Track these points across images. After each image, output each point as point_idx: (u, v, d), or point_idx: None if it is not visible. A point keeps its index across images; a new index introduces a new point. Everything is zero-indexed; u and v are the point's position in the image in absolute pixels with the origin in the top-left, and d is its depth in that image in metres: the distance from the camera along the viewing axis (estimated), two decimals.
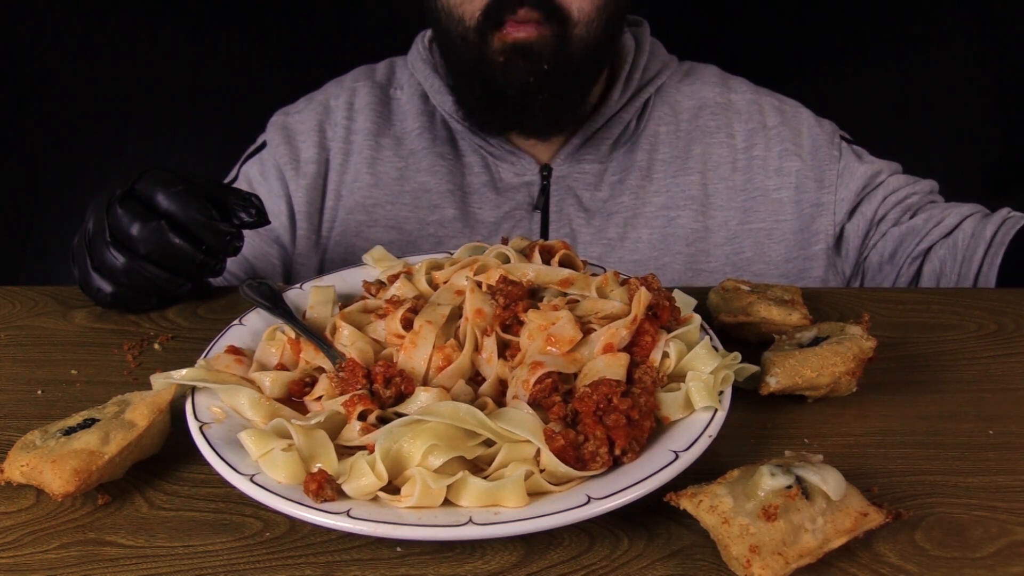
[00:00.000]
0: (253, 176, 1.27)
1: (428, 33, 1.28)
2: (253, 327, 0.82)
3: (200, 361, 0.75)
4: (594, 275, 0.80)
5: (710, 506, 0.58)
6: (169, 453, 0.70)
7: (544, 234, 1.22)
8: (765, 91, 1.30)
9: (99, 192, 0.92)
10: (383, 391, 0.69)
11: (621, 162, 1.23)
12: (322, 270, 1.25)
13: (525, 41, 1.08)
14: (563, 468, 0.61)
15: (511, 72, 1.09)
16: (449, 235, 1.22)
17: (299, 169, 1.25)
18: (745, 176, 1.23)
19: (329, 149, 1.26)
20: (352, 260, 1.20)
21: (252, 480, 0.61)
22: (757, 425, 0.73)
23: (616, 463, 0.63)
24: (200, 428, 0.66)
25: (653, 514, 0.62)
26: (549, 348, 0.70)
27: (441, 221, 1.22)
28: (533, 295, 0.78)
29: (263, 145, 1.29)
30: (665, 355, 0.71)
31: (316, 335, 0.78)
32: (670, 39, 1.32)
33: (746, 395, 0.75)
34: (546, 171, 1.22)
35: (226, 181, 1.31)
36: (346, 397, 0.68)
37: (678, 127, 1.25)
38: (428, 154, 1.24)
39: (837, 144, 1.25)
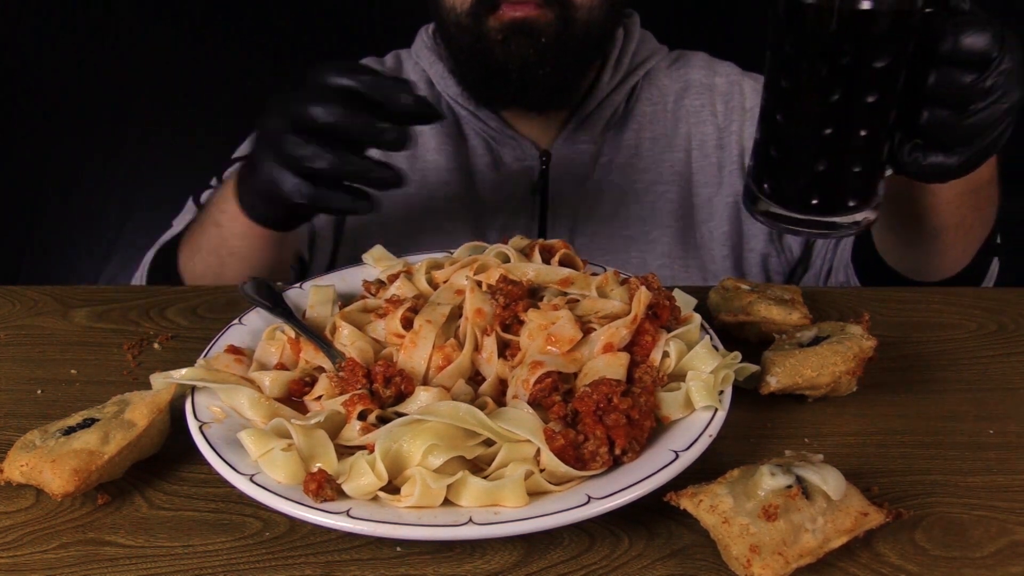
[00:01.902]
0: None
1: (431, 26, 1.32)
2: (253, 327, 0.81)
3: (200, 361, 0.75)
4: (594, 274, 0.80)
5: (710, 506, 0.58)
6: (169, 453, 0.70)
7: (543, 215, 1.25)
8: (752, 74, 1.33)
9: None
10: (383, 391, 0.69)
11: (612, 143, 1.27)
12: (338, 244, 1.28)
13: (524, 19, 1.09)
14: (563, 468, 0.61)
15: (511, 48, 1.11)
16: (456, 210, 1.25)
17: None
18: (725, 153, 1.27)
19: None
20: (362, 236, 1.24)
21: (252, 480, 0.61)
22: (757, 425, 0.73)
23: (616, 463, 0.63)
24: (200, 428, 0.66)
25: (653, 514, 0.62)
26: (549, 348, 0.70)
27: (447, 197, 1.25)
28: (533, 294, 0.78)
29: None
30: (665, 354, 0.71)
31: (316, 335, 0.78)
32: (660, 32, 1.34)
33: (746, 395, 0.75)
34: (545, 156, 1.25)
35: (240, 154, 1.30)
36: (346, 397, 0.68)
37: (665, 108, 1.29)
38: (436, 133, 1.27)
39: None
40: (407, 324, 0.75)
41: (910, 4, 0.68)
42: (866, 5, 0.68)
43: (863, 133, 0.73)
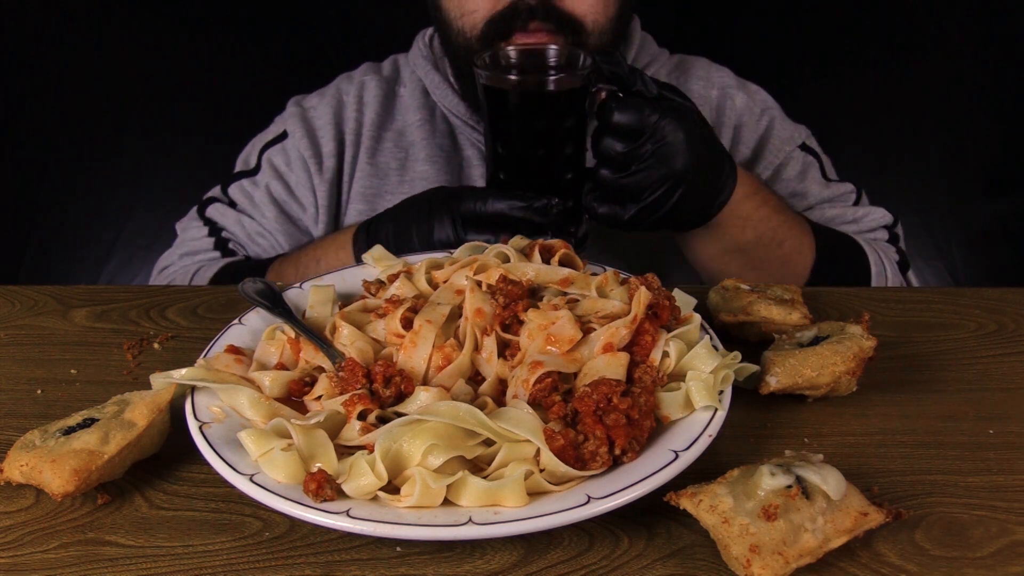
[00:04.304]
0: (278, 165, 1.29)
1: (429, 31, 1.31)
2: (253, 327, 0.81)
3: (200, 361, 0.75)
4: (594, 274, 0.80)
5: (710, 506, 0.58)
6: (169, 453, 0.70)
7: None
8: (747, 83, 1.33)
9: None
10: (383, 391, 0.69)
11: None
12: None
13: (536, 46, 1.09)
14: (563, 468, 0.61)
15: None
16: None
17: (321, 164, 1.28)
18: None
19: (344, 143, 1.29)
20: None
21: (252, 480, 0.61)
22: (757, 425, 0.73)
23: (616, 463, 0.63)
24: (200, 428, 0.66)
25: (653, 514, 0.62)
26: (549, 348, 0.70)
27: None
28: (533, 294, 0.78)
29: (284, 135, 1.30)
30: (665, 354, 0.71)
31: (316, 335, 0.78)
32: (661, 35, 1.33)
33: (746, 394, 0.75)
34: None
35: (244, 168, 1.31)
36: (346, 397, 0.68)
37: None
38: (428, 144, 1.27)
39: (785, 151, 1.28)
40: (407, 324, 0.75)
41: (570, 86, 0.92)
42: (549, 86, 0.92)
43: (541, 180, 0.96)
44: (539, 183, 0.97)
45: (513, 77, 0.93)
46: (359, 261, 1.04)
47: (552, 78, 0.93)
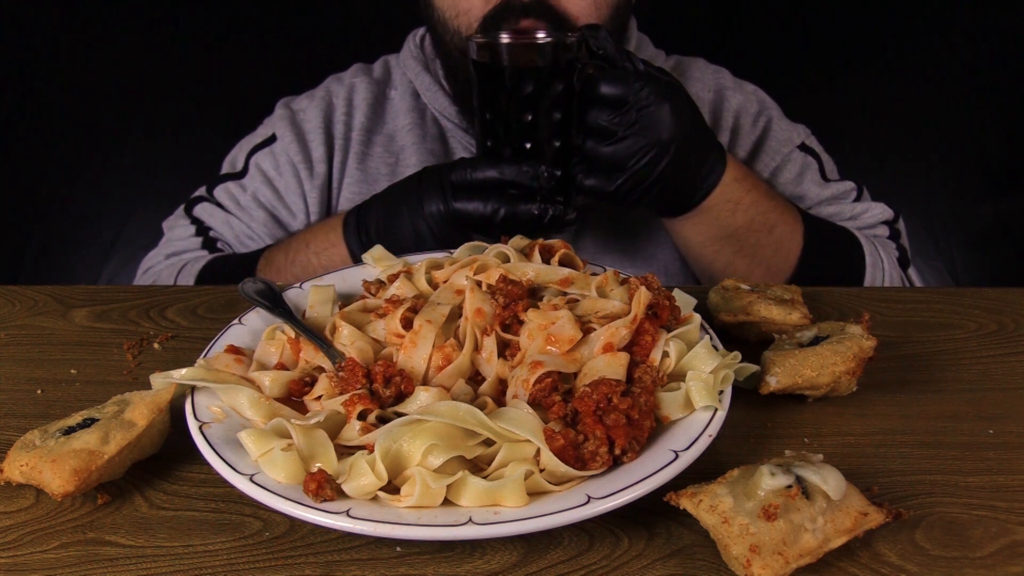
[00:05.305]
0: (267, 169, 1.28)
1: (420, 32, 1.30)
2: (253, 327, 0.81)
3: (200, 361, 0.75)
4: (594, 274, 0.80)
5: (710, 506, 0.58)
6: (169, 453, 0.70)
7: None
8: (743, 83, 1.32)
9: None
10: (383, 391, 0.69)
11: None
12: None
13: None
14: (563, 468, 0.61)
15: None
16: None
17: (312, 170, 1.27)
18: None
19: (333, 146, 1.28)
20: None
21: (252, 480, 0.61)
22: (757, 425, 0.73)
23: (616, 463, 0.63)
24: (200, 428, 0.66)
25: (653, 514, 0.62)
26: (549, 347, 0.70)
27: None
28: (533, 294, 0.78)
29: (273, 138, 1.29)
30: (665, 354, 0.71)
31: (316, 335, 0.78)
32: (657, 36, 1.33)
33: (746, 394, 0.75)
34: None
35: (231, 171, 1.31)
36: (346, 397, 0.68)
37: None
38: (418, 149, 1.26)
39: (783, 153, 1.28)
40: (407, 324, 0.75)
41: (546, 61, 0.95)
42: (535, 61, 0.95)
43: (528, 145, 0.98)
44: (526, 149, 0.98)
45: (504, 41, 0.97)
46: (348, 243, 1.05)
47: (540, 42, 0.97)
